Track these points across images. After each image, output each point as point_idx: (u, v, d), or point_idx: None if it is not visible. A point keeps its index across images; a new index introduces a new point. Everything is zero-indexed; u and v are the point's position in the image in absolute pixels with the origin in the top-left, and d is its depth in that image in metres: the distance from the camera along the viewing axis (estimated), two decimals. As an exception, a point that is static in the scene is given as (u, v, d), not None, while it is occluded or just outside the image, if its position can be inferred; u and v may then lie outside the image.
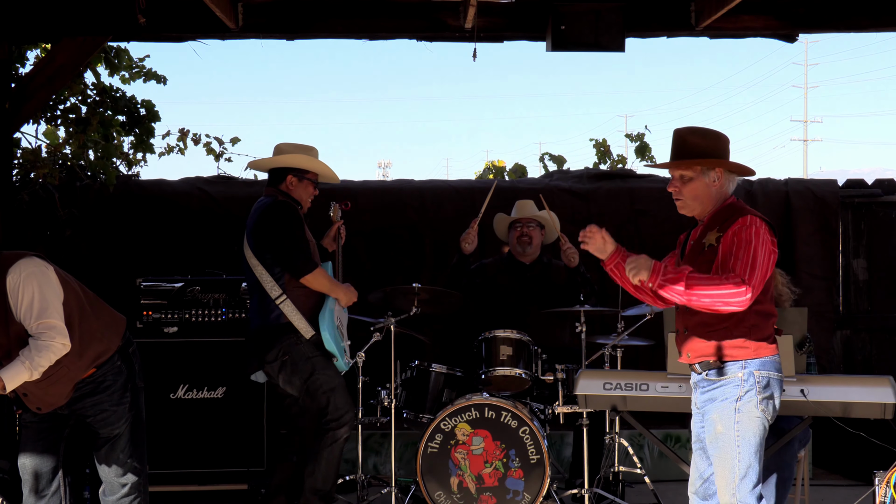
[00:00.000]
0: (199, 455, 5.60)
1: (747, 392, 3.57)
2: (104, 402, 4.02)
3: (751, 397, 3.57)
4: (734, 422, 3.57)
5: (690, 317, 3.68)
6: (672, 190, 3.75)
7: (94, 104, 6.66)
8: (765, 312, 3.63)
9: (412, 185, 7.11)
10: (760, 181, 7.12)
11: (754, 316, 3.59)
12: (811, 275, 6.88)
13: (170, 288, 5.63)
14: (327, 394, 4.72)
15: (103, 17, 5.59)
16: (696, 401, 3.76)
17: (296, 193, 4.88)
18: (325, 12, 5.68)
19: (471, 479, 5.00)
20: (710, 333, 3.63)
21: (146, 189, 6.75)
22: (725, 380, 3.60)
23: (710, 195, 3.70)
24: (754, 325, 3.60)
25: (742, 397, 3.57)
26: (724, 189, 3.72)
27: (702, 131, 3.73)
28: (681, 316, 3.76)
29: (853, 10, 5.68)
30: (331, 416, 4.71)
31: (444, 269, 6.75)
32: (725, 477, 3.59)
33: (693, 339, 3.68)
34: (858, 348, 7.06)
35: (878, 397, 4.04)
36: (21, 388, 3.82)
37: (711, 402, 3.65)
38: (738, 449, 3.57)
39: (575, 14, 5.39)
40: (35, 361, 3.72)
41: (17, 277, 3.75)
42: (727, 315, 3.54)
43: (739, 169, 3.72)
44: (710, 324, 3.61)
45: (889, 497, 3.75)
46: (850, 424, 4.39)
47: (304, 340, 4.71)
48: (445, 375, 5.26)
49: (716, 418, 3.61)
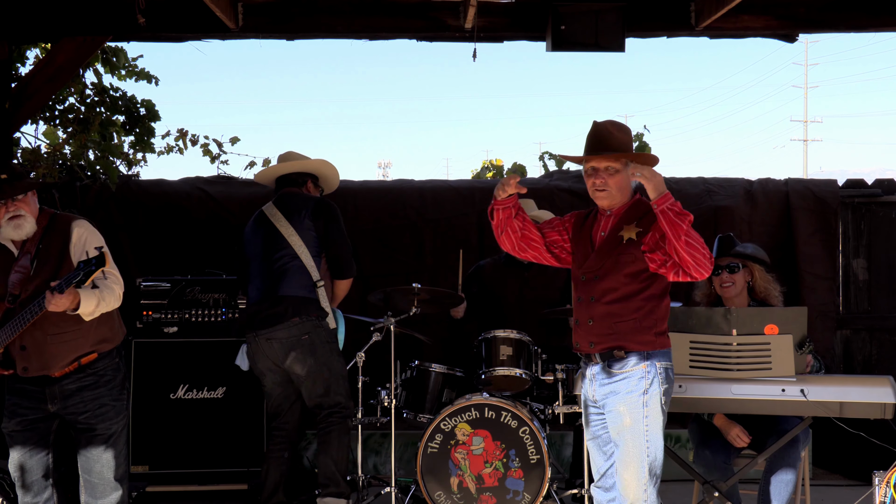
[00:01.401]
0: (199, 455, 5.61)
1: (652, 384, 3.66)
2: (104, 396, 4.05)
3: (655, 389, 3.67)
4: (643, 415, 3.65)
5: (596, 307, 3.75)
6: (598, 181, 3.80)
7: (93, 104, 6.66)
8: (668, 306, 3.77)
9: (412, 185, 7.11)
10: (760, 181, 7.12)
11: (663, 309, 3.72)
12: (813, 274, 6.89)
13: (170, 288, 5.64)
14: (344, 378, 5.00)
15: (103, 17, 5.59)
16: (592, 395, 3.80)
17: None
18: (325, 12, 5.68)
19: (471, 479, 5.00)
20: (617, 324, 3.71)
21: (146, 189, 6.75)
22: (629, 372, 3.67)
23: (628, 187, 3.83)
24: (660, 318, 3.72)
25: (648, 390, 3.66)
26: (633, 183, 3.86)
27: (619, 125, 3.85)
28: (585, 306, 3.80)
29: (853, 10, 5.68)
30: (344, 402, 4.98)
31: (444, 269, 6.76)
32: (636, 472, 3.66)
33: (598, 329, 3.74)
34: (858, 348, 7.06)
35: (878, 397, 4.04)
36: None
37: (615, 394, 3.71)
38: (648, 444, 3.66)
39: (575, 14, 5.39)
40: (104, 295, 3.88)
41: (85, 228, 4.04)
42: (638, 306, 3.67)
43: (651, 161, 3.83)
44: (618, 314, 3.70)
45: (889, 497, 3.75)
46: (850, 424, 4.38)
47: (326, 327, 4.96)
48: (445, 375, 5.26)
49: (623, 410, 3.67)
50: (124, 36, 6.03)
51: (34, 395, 4.00)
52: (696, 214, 6.79)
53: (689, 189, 7.05)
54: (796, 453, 4.39)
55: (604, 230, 3.85)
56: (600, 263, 3.79)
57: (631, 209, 3.82)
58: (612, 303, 3.72)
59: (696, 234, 3.61)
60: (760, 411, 4.11)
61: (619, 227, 3.79)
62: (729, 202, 6.93)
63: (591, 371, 3.82)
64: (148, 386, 5.61)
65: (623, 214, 3.82)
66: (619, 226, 3.79)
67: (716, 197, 6.98)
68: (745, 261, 4.61)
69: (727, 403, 4.10)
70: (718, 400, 4.09)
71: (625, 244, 3.75)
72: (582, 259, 3.87)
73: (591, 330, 3.76)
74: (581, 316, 3.83)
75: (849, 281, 7.08)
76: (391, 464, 5.16)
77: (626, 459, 3.68)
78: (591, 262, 3.82)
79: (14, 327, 3.87)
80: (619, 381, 3.70)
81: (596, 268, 3.79)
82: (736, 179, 7.19)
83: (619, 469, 3.72)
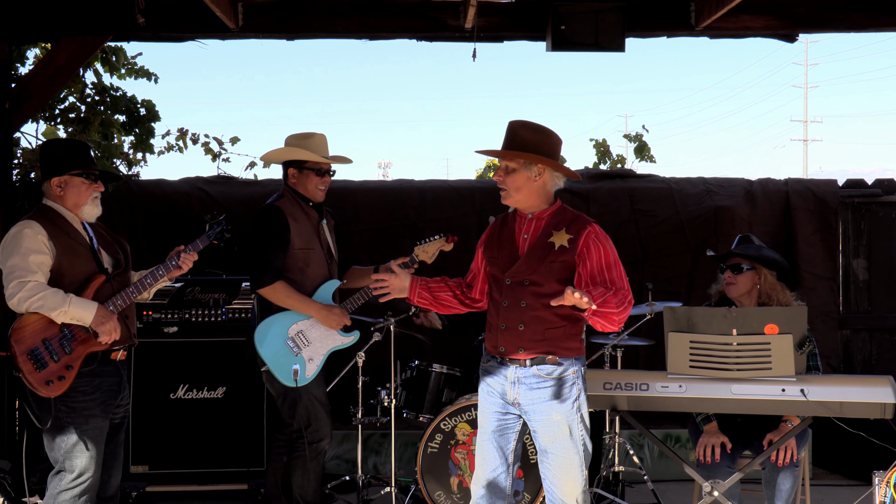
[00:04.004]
0: (199, 455, 5.60)
1: (581, 389, 3.74)
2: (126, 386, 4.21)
3: (582, 395, 3.75)
4: (578, 421, 3.72)
5: (527, 312, 3.73)
6: (496, 179, 3.81)
7: (93, 104, 6.67)
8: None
9: (412, 185, 7.11)
10: (760, 181, 7.12)
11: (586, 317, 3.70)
12: (813, 275, 6.89)
13: (170, 288, 5.63)
14: (307, 408, 4.66)
15: (103, 17, 5.60)
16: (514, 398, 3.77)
17: (300, 187, 4.73)
18: (325, 12, 5.69)
19: (471, 478, 4.99)
20: (548, 330, 3.71)
21: (146, 189, 6.75)
22: (560, 377, 3.71)
23: (532, 189, 3.77)
24: (583, 326, 3.76)
25: (579, 396, 3.73)
26: (549, 186, 3.80)
27: (533, 126, 3.79)
28: (513, 311, 3.76)
29: (853, 10, 5.68)
30: (313, 427, 4.68)
31: (444, 269, 6.74)
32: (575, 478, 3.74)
33: (530, 335, 3.72)
34: (858, 348, 7.06)
35: (878, 397, 4.03)
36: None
37: (545, 402, 3.71)
38: (585, 449, 3.75)
39: (575, 14, 5.39)
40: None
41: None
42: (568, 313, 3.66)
43: (563, 170, 3.81)
44: (550, 321, 3.70)
45: (889, 497, 3.75)
46: (850, 424, 4.38)
47: None
48: (445, 375, 5.26)
49: (559, 419, 3.70)
50: (124, 36, 6.04)
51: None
52: (696, 214, 6.92)
53: (689, 189, 7.05)
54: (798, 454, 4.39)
55: (527, 233, 3.81)
56: (531, 268, 3.74)
57: (557, 214, 3.80)
58: (544, 309, 3.68)
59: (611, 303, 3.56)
60: (760, 411, 4.11)
61: (547, 233, 3.75)
62: (729, 202, 6.93)
63: (514, 373, 3.76)
64: (148, 386, 5.61)
65: (550, 219, 3.78)
66: (548, 231, 3.75)
67: (716, 197, 6.98)
68: (753, 262, 4.59)
69: (727, 403, 4.09)
70: (718, 400, 4.08)
71: (556, 251, 3.71)
72: (507, 263, 3.81)
73: (522, 335, 3.73)
74: (509, 320, 3.76)
75: (849, 281, 7.08)
76: (391, 464, 5.16)
77: (562, 466, 3.73)
78: (519, 267, 3.77)
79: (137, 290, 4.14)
80: (550, 388, 3.70)
81: (526, 272, 3.75)
82: (736, 179, 7.19)
83: (554, 477, 3.75)
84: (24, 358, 3.84)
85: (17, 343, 3.84)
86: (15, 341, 3.84)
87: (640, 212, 6.96)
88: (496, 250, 3.88)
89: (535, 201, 3.79)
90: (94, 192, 4.08)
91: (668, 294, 6.55)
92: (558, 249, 3.72)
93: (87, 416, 3.93)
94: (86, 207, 4.07)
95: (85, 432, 3.92)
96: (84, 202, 4.06)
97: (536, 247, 3.77)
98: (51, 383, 3.85)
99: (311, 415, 4.67)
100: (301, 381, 4.59)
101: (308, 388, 4.65)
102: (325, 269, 4.76)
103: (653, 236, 6.87)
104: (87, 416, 3.93)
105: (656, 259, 6.93)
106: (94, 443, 3.94)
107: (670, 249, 6.93)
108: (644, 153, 8.30)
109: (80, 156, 4.07)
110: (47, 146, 4.18)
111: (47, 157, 4.07)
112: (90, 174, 4.07)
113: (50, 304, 3.85)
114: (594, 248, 3.69)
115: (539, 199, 3.80)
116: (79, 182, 4.04)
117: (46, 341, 3.86)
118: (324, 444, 4.75)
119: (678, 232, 6.97)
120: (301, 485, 4.73)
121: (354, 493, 5.32)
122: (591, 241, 3.70)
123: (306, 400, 4.65)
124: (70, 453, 3.90)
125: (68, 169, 4.02)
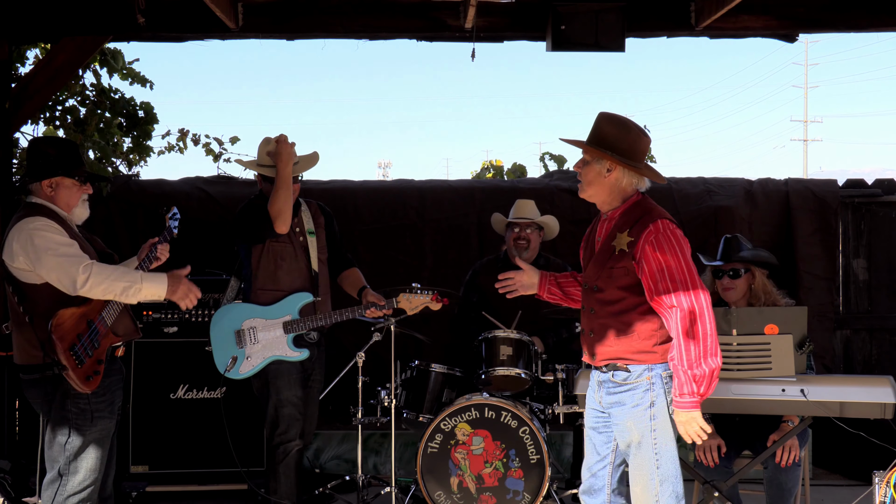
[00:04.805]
0: (199, 455, 5.60)
1: (658, 395, 3.54)
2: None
3: (661, 400, 3.54)
4: (650, 429, 3.54)
5: (595, 319, 3.66)
6: (576, 169, 3.73)
7: (93, 105, 6.67)
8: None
9: (412, 185, 7.11)
10: (760, 181, 7.12)
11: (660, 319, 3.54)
12: (812, 275, 6.89)
13: (170, 288, 5.62)
14: (276, 407, 4.69)
15: (103, 17, 5.60)
16: (599, 401, 3.70)
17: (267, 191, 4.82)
18: (325, 12, 5.69)
19: (471, 479, 5.00)
20: (616, 338, 3.59)
21: (146, 189, 6.75)
22: (633, 384, 3.57)
23: (604, 184, 3.62)
24: (660, 329, 3.55)
25: (655, 402, 3.54)
26: (623, 184, 3.62)
27: (618, 120, 3.65)
28: (586, 317, 3.73)
29: (853, 10, 5.68)
30: (280, 429, 4.70)
31: (444, 269, 6.75)
32: (645, 486, 3.57)
33: (598, 342, 3.64)
34: (858, 348, 7.06)
35: (877, 397, 4.03)
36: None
37: (620, 406, 3.60)
38: (657, 458, 3.55)
39: (575, 14, 5.39)
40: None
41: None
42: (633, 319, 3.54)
43: (636, 170, 3.63)
44: (616, 328, 3.59)
45: (889, 497, 3.75)
46: (850, 424, 4.38)
47: None
48: (445, 375, 5.26)
49: (630, 426, 3.58)
50: (124, 36, 6.04)
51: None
52: (696, 214, 6.92)
53: (689, 189, 7.05)
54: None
55: (600, 235, 3.71)
56: (597, 274, 3.65)
57: (625, 214, 3.61)
58: (609, 317, 3.60)
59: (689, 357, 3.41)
60: (760, 411, 4.11)
61: (612, 235, 3.61)
62: (729, 202, 6.93)
63: (596, 377, 3.72)
64: (148, 386, 5.61)
65: (618, 219, 3.62)
66: (613, 233, 3.61)
67: (716, 197, 6.98)
68: (748, 265, 4.60)
69: (727, 403, 4.09)
70: (718, 400, 4.08)
71: (617, 255, 3.57)
72: (584, 266, 3.76)
73: (593, 342, 3.66)
74: (584, 325, 3.74)
75: (849, 281, 7.08)
76: (391, 464, 5.16)
77: (636, 475, 3.60)
78: (589, 272, 3.71)
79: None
80: (625, 393, 3.59)
81: (593, 278, 3.67)
82: (736, 179, 7.19)
83: (630, 482, 3.66)
84: (67, 355, 3.76)
85: (61, 340, 3.75)
86: (58, 338, 3.75)
87: (640, 212, 6.94)
88: (583, 251, 3.81)
89: (606, 198, 3.65)
90: (84, 195, 4.02)
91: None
92: (618, 254, 3.57)
93: (97, 418, 3.89)
94: (76, 209, 4.01)
95: (94, 433, 3.88)
96: (75, 204, 3.99)
97: (602, 250, 3.65)
98: (90, 378, 3.82)
99: (280, 416, 4.69)
100: (232, 373, 4.68)
101: (278, 388, 4.70)
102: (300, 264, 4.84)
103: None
104: (98, 417, 3.89)
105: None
106: (103, 444, 3.92)
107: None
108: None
109: (72, 157, 3.99)
110: (37, 144, 4.05)
111: (38, 155, 3.96)
112: (80, 176, 4.00)
113: (124, 282, 3.85)
114: (650, 253, 3.48)
115: (611, 197, 3.64)
116: (70, 183, 3.96)
117: (80, 336, 3.81)
118: (293, 446, 4.74)
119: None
120: (273, 488, 4.75)
121: (354, 493, 5.32)
122: (648, 245, 3.49)
123: (275, 400, 4.70)
124: (78, 455, 3.86)
125: (61, 170, 3.94)
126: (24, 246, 3.80)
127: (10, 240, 3.86)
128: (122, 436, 5.51)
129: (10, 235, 3.87)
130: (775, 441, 4.29)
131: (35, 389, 3.90)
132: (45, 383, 3.85)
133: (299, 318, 4.76)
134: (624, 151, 3.60)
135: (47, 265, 3.78)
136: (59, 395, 3.83)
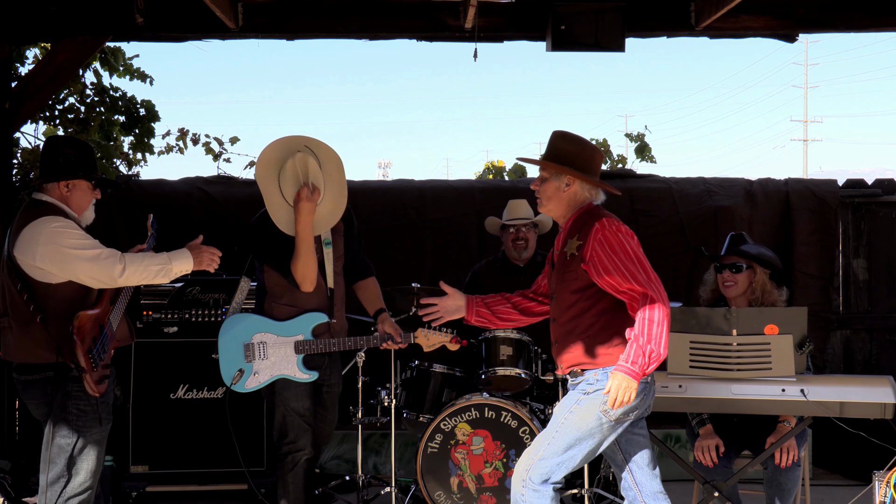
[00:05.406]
0: (199, 455, 5.60)
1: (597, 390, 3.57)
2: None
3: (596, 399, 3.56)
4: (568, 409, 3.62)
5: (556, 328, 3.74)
6: (533, 188, 3.81)
7: (93, 104, 6.67)
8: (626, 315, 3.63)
9: (412, 185, 7.11)
10: (760, 181, 7.12)
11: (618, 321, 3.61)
12: (807, 274, 6.89)
13: (170, 288, 5.63)
14: (284, 415, 4.54)
15: (103, 17, 5.60)
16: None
17: None
18: (324, 12, 5.69)
19: (471, 479, 5.00)
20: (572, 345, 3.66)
21: (146, 189, 6.74)
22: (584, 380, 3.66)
23: (562, 199, 3.74)
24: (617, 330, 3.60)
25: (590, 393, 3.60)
26: (581, 197, 3.74)
27: (571, 138, 3.79)
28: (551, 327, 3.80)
29: (853, 10, 5.68)
30: (289, 438, 4.55)
31: (444, 269, 6.75)
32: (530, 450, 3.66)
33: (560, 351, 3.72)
34: (858, 348, 7.06)
35: (877, 397, 4.03)
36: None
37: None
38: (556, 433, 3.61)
39: (575, 14, 5.39)
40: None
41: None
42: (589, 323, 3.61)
43: (594, 183, 3.75)
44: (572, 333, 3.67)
45: (889, 497, 3.76)
46: (850, 424, 4.38)
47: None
48: (445, 375, 5.26)
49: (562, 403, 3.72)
50: (124, 36, 6.04)
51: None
52: (696, 214, 6.92)
53: (689, 189, 7.05)
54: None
55: (557, 248, 3.80)
56: (556, 284, 3.74)
57: (576, 221, 3.72)
58: (566, 323, 3.68)
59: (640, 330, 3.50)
60: (760, 411, 4.11)
61: (565, 243, 3.72)
62: (729, 202, 6.93)
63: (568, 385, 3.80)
64: (148, 386, 5.61)
65: (569, 228, 3.74)
66: (566, 241, 3.71)
67: (716, 197, 6.98)
68: (750, 261, 4.60)
69: (727, 403, 4.10)
70: (718, 400, 4.08)
71: (568, 260, 3.66)
72: (548, 280, 3.87)
73: (558, 351, 3.73)
74: (551, 336, 3.81)
75: (849, 281, 7.08)
76: (391, 464, 5.16)
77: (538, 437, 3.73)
78: (550, 283, 3.82)
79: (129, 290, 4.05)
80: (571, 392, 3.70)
81: (553, 287, 3.77)
82: (736, 179, 7.19)
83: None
84: (86, 358, 3.75)
85: (83, 342, 3.74)
86: (80, 340, 3.73)
87: (640, 212, 6.95)
88: (548, 265, 3.89)
89: (564, 212, 3.76)
90: (94, 199, 4.01)
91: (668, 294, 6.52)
92: (569, 259, 3.66)
93: (96, 420, 3.87)
94: (86, 212, 3.99)
95: (95, 435, 3.87)
96: (86, 207, 3.98)
97: (559, 260, 3.75)
98: (102, 382, 3.83)
99: (289, 426, 4.54)
100: (237, 387, 4.52)
101: (285, 399, 4.52)
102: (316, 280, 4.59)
103: (653, 236, 6.86)
104: (97, 419, 3.87)
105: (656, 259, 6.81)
106: (101, 446, 3.91)
107: (670, 249, 6.93)
108: (645, 153, 8.31)
109: (91, 160, 3.98)
110: (56, 143, 3.98)
111: (57, 154, 3.90)
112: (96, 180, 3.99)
113: (156, 265, 3.90)
114: (598, 248, 3.57)
115: (568, 210, 3.75)
116: (86, 186, 3.95)
117: (95, 339, 3.80)
118: (301, 455, 4.55)
119: (678, 232, 6.97)
120: (281, 496, 4.62)
121: (354, 493, 5.32)
122: (595, 242, 3.58)
123: (283, 410, 4.53)
124: (79, 457, 3.84)
125: (81, 172, 3.91)
126: (48, 245, 3.75)
127: (28, 238, 3.78)
128: (122, 436, 5.51)
129: (26, 234, 3.79)
130: (773, 443, 4.28)
131: (34, 390, 3.87)
132: (45, 384, 3.82)
133: (312, 340, 4.53)
134: (581, 166, 3.73)
135: (79, 264, 3.76)
136: (60, 396, 3.80)
